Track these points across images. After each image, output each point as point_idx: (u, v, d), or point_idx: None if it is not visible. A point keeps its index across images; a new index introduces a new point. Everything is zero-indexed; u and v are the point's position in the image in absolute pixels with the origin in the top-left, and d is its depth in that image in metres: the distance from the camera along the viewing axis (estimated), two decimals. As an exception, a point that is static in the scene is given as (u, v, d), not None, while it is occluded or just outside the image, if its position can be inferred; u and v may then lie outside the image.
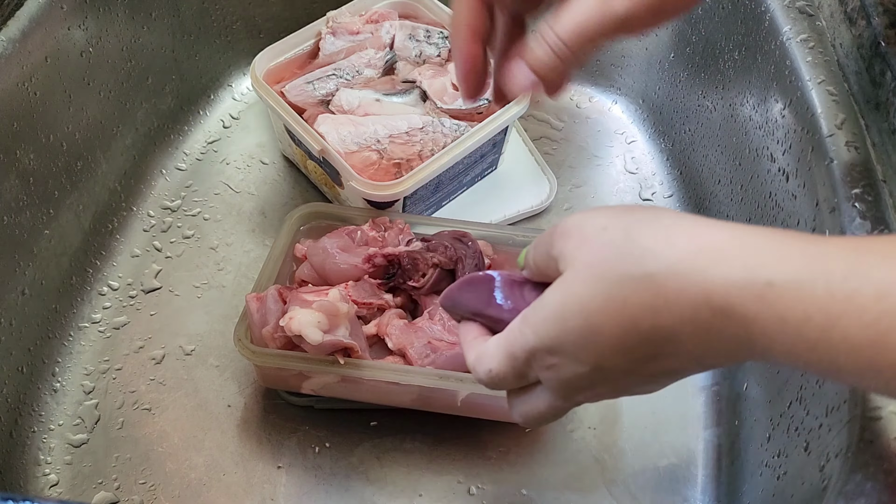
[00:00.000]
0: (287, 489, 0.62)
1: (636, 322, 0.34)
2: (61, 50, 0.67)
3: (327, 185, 0.75)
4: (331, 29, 0.78)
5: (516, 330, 0.39)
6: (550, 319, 0.37)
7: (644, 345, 0.35)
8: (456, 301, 0.45)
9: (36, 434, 0.64)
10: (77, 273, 0.71)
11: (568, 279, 0.37)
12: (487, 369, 0.41)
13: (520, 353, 0.39)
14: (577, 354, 0.37)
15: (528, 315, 0.39)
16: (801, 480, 0.48)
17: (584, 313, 0.36)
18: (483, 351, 0.42)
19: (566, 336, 0.37)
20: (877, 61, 0.53)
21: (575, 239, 0.38)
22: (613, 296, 0.35)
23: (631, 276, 0.34)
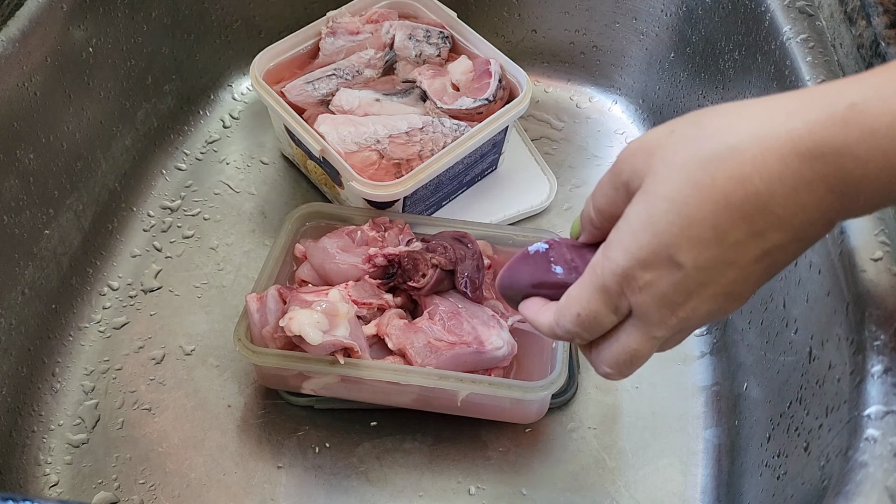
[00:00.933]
0: (287, 489, 0.62)
1: (727, 197, 0.34)
2: (61, 50, 0.67)
3: (327, 185, 0.75)
4: (331, 29, 0.78)
5: (601, 260, 0.38)
6: (640, 230, 0.36)
7: (739, 222, 0.34)
8: (514, 277, 0.44)
9: (36, 434, 0.64)
10: (77, 273, 0.71)
11: (647, 188, 0.36)
12: (575, 314, 0.39)
13: (611, 280, 0.37)
14: (675, 255, 0.35)
15: (611, 240, 0.37)
16: (801, 480, 0.48)
17: (673, 209, 0.35)
18: (563, 303, 0.40)
19: (659, 240, 0.35)
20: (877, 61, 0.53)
21: (642, 153, 0.37)
22: (699, 179, 0.34)
23: (715, 153, 0.34)
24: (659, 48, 0.82)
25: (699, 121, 0.36)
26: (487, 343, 0.60)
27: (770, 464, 0.54)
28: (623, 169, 0.38)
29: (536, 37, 0.88)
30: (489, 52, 0.76)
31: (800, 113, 0.33)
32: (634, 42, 0.84)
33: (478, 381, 0.58)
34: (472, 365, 0.60)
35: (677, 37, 0.79)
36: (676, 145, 0.36)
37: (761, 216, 0.34)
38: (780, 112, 0.34)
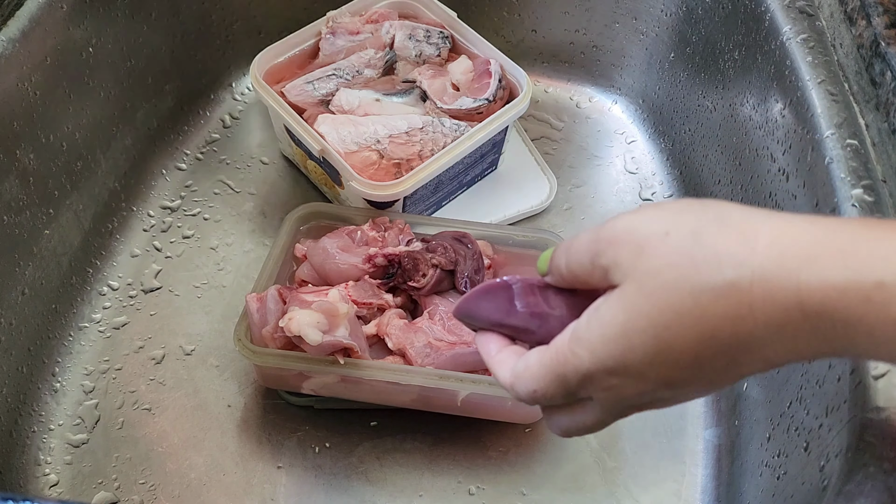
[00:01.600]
0: (287, 489, 0.62)
1: (715, 333, 0.32)
2: (61, 50, 0.67)
3: (327, 185, 0.75)
4: (331, 29, 0.78)
5: (566, 350, 0.36)
6: (612, 339, 0.34)
7: (721, 355, 0.32)
8: (472, 312, 0.42)
9: (36, 434, 0.64)
10: (77, 273, 0.71)
11: (629, 293, 0.34)
12: (531, 390, 0.38)
13: (572, 376, 0.36)
14: (644, 373, 0.34)
15: (582, 334, 0.35)
16: (801, 480, 0.48)
17: (652, 330, 0.33)
18: (523, 370, 0.39)
19: (631, 355, 0.34)
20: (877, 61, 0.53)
21: (629, 246, 0.34)
22: (687, 309, 0.32)
23: (710, 286, 0.31)
24: (659, 48, 0.82)
25: (700, 233, 0.33)
26: (487, 343, 0.60)
27: (770, 464, 0.54)
28: (605, 253, 0.35)
29: (536, 37, 0.88)
30: (489, 51, 0.76)
31: (818, 266, 0.30)
32: (634, 42, 0.84)
33: (478, 381, 0.58)
34: (472, 365, 0.60)
35: (677, 37, 0.79)
36: (669, 258, 0.33)
37: (746, 352, 0.32)
38: (797, 253, 0.30)
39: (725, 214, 0.33)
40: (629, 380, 0.35)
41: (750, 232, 0.32)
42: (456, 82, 0.76)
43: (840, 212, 0.51)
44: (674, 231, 0.33)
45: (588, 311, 0.36)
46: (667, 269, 0.33)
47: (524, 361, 0.39)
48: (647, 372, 0.34)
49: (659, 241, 0.33)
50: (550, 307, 0.40)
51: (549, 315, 0.39)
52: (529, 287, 0.41)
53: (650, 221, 0.34)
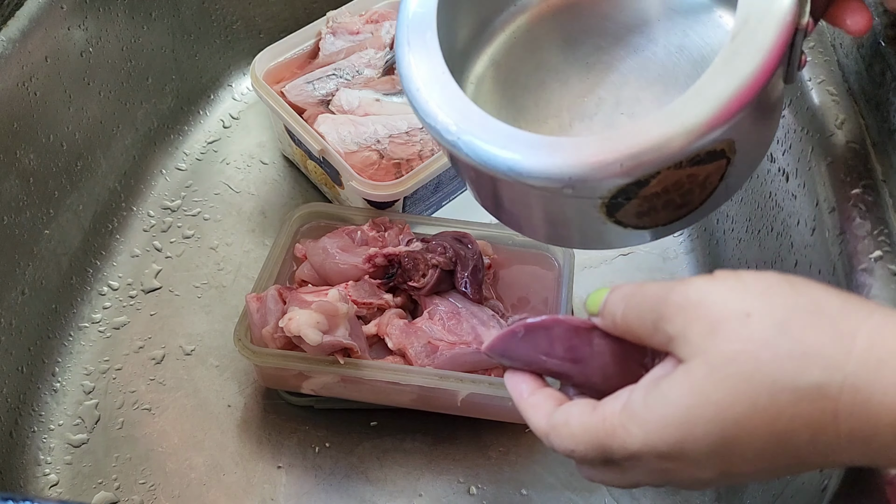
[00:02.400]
0: (287, 489, 0.62)
1: (791, 437, 0.29)
2: (61, 50, 0.67)
3: (327, 185, 0.75)
4: (331, 29, 0.78)
5: (616, 422, 0.33)
6: (671, 424, 0.31)
7: (792, 458, 0.30)
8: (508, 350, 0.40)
9: (36, 434, 0.64)
10: (77, 273, 0.71)
11: (697, 375, 0.30)
12: (569, 449, 0.35)
13: (618, 450, 0.32)
14: (702, 463, 0.31)
15: (637, 409, 0.32)
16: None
17: (719, 422, 0.30)
18: (563, 424, 0.35)
19: (691, 445, 0.30)
20: (877, 61, 0.53)
21: (704, 322, 0.31)
22: (763, 406, 0.29)
23: (792, 385, 0.28)
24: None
25: (788, 323, 0.29)
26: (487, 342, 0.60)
27: (770, 464, 0.54)
28: (674, 320, 0.32)
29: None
30: None
31: None
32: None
33: (478, 381, 0.58)
34: (472, 365, 0.60)
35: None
36: (748, 345, 0.29)
37: (822, 459, 0.29)
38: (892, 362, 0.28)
39: (821, 305, 0.30)
40: (683, 466, 0.32)
41: (847, 331, 0.29)
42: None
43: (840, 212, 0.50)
44: (757, 315, 0.30)
45: (646, 382, 0.33)
46: (744, 358, 0.29)
47: (564, 415, 0.35)
48: (706, 463, 0.31)
49: (739, 323, 0.30)
50: (593, 351, 0.37)
51: (590, 360, 0.37)
52: (574, 330, 0.38)
53: (731, 298, 0.31)
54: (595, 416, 0.34)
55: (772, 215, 0.62)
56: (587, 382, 0.37)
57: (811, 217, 0.55)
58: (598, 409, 0.34)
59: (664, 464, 0.32)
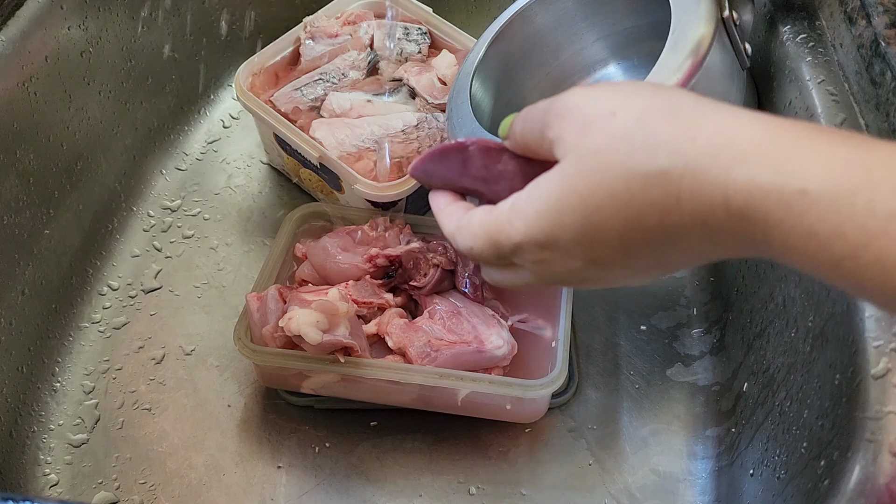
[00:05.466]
0: (287, 489, 0.62)
1: (641, 220, 0.32)
2: (61, 50, 0.67)
3: (323, 192, 0.75)
4: (309, 34, 0.77)
5: (504, 218, 0.37)
6: (544, 214, 0.35)
7: (647, 243, 0.33)
8: (428, 172, 0.44)
9: (36, 434, 0.64)
10: (77, 273, 0.71)
11: (567, 170, 0.34)
12: (468, 246, 0.40)
13: (505, 243, 0.37)
14: (572, 251, 0.35)
15: (520, 205, 0.36)
16: (801, 480, 0.48)
17: (583, 209, 0.33)
18: (465, 225, 0.40)
19: (561, 232, 0.34)
20: (877, 61, 0.53)
21: (577, 123, 0.34)
22: (618, 192, 0.32)
23: (642, 171, 0.31)
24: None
25: (645, 118, 0.32)
26: (487, 342, 0.60)
27: (770, 463, 0.54)
28: (553, 126, 0.35)
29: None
30: (469, 43, 0.77)
31: (751, 163, 0.30)
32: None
33: (478, 380, 0.58)
34: (473, 364, 0.60)
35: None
36: (611, 139, 0.33)
37: (669, 244, 0.33)
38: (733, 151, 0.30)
39: (676, 102, 0.33)
40: (557, 255, 0.36)
41: (695, 122, 0.31)
42: (442, 76, 0.76)
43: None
44: (621, 112, 0.33)
45: (531, 183, 0.36)
46: (606, 151, 0.33)
47: (468, 217, 0.40)
48: (574, 250, 0.35)
49: (604, 120, 0.33)
50: (503, 171, 0.41)
51: (500, 179, 0.40)
52: (486, 150, 0.42)
53: (600, 100, 0.34)
54: (490, 215, 0.38)
55: (772, 215, 0.62)
56: (498, 199, 0.40)
57: (811, 217, 0.55)
58: (493, 209, 0.38)
59: (542, 254, 0.36)
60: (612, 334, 0.70)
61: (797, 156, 0.29)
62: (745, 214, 0.30)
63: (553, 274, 0.37)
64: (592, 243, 0.34)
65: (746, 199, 0.29)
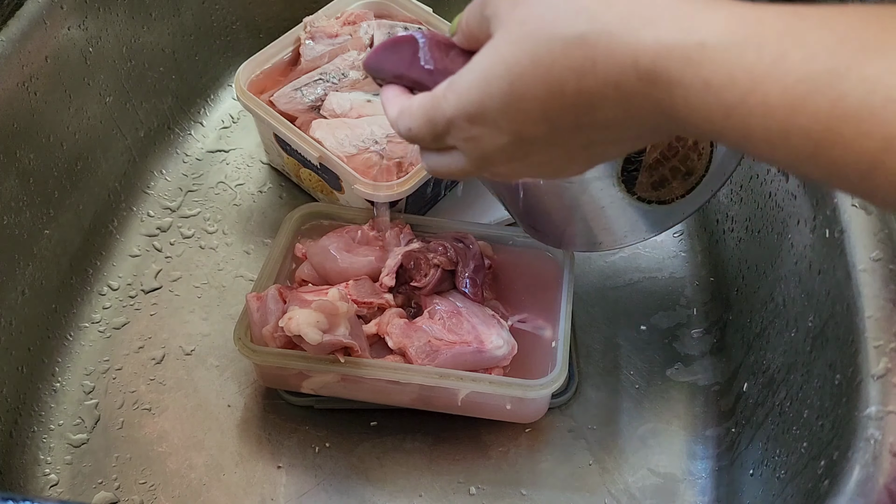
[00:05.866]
0: (287, 489, 0.62)
1: (561, 85, 0.33)
2: (61, 50, 0.67)
3: (323, 191, 0.75)
4: (309, 34, 0.77)
5: (440, 95, 0.38)
6: (474, 84, 0.36)
7: (567, 112, 0.34)
8: (379, 63, 0.45)
9: (36, 434, 0.64)
10: (77, 273, 0.71)
11: (496, 41, 0.35)
12: (407, 127, 0.41)
13: (440, 119, 0.38)
14: (498, 122, 0.35)
15: (455, 80, 0.37)
16: (802, 480, 0.48)
17: (508, 77, 0.34)
18: (406, 107, 0.41)
19: (489, 102, 0.35)
20: (877, 61, 0.53)
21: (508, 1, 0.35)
22: (541, 57, 0.33)
23: (562, 36, 0.33)
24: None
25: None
26: (487, 342, 0.60)
27: (770, 464, 0.54)
28: (489, 3, 0.37)
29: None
30: None
31: (658, 24, 0.31)
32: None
33: (478, 380, 0.58)
34: (473, 364, 0.60)
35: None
36: (537, 8, 0.34)
37: (589, 114, 0.33)
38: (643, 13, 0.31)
39: None
40: (486, 130, 0.36)
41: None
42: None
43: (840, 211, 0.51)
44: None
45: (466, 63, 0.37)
46: (532, 20, 0.34)
47: (409, 101, 0.41)
48: (501, 122, 0.35)
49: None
50: (451, 65, 0.42)
51: (448, 72, 0.40)
52: (436, 44, 0.43)
53: None
54: (427, 96, 0.39)
55: (772, 215, 0.62)
56: None
57: (811, 217, 0.55)
58: (432, 92, 0.39)
59: (472, 129, 0.37)
60: (612, 334, 0.70)
61: (700, 14, 0.31)
62: (652, 75, 0.31)
63: (484, 153, 0.38)
64: (517, 113, 0.35)
65: (653, 59, 0.31)
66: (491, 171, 0.40)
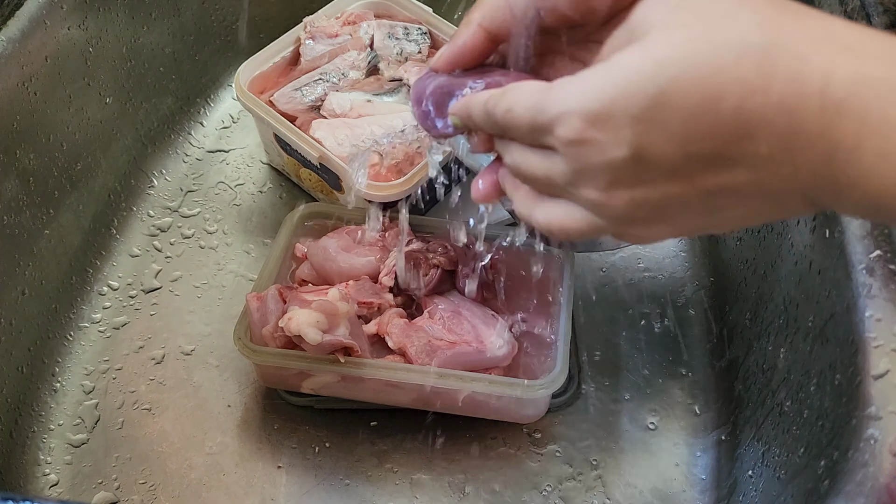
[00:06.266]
0: (287, 489, 0.62)
1: (720, 99, 0.28)
2: (61, 50, 0.67)
3: (323, 191, 0.75)
4: (309, 34, 0.77)
5: (559, 83, 0.32)
6: (609, 81, 0.30)
7: (713, 136, 0.28)
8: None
9: (36, 434, 0.64)
10: (77, 273, 0.71)
11: (647, 42, 0.30)
12: (507, 107, 0.34)
13: (550, 109, 0.32)
14: (622, 130, 0.29)
15: (582, 73, 0.31)
16: (801, 480, 0.48)
17: (656, 78, 0.28)
18: (516, 87, 0.35)
19: (622, 103, 0.29)
20: (877, 61, 0.53)
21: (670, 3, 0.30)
22: (705, 62, 0.28)
23: (738, 43, 0.28)
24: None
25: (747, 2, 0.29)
26: (488, 342, 0.60)
27: (770, 464, 0.54)
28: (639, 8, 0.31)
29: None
30: None
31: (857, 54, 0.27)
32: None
33: (478, 380, 0.58)
34: (473, 364, 0.60)
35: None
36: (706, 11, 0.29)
37: (737, 145, 0.29)
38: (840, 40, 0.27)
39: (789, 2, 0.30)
40: (603, 136, 0.30)
41: (806, 13, 0.29)
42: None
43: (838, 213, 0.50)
44: None
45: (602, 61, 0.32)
46: (700, 22, 0.29)
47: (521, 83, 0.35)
48: (626, 130, 0.30)
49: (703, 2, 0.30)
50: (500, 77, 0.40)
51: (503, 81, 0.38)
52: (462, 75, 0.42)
53: None
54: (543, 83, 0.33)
55: (772, 215, 0.62)
56: None
57: (811, 217, 0.55)
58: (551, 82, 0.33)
59: (586, 131, 0.30)
60: (612, 334, 0.70)
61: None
62: (842, 108, 0.27)
63: (584, 165, 0.31)
64: (652, 123, 0.29)
65: (849, 90, 0.26)
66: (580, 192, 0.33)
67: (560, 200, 0.35)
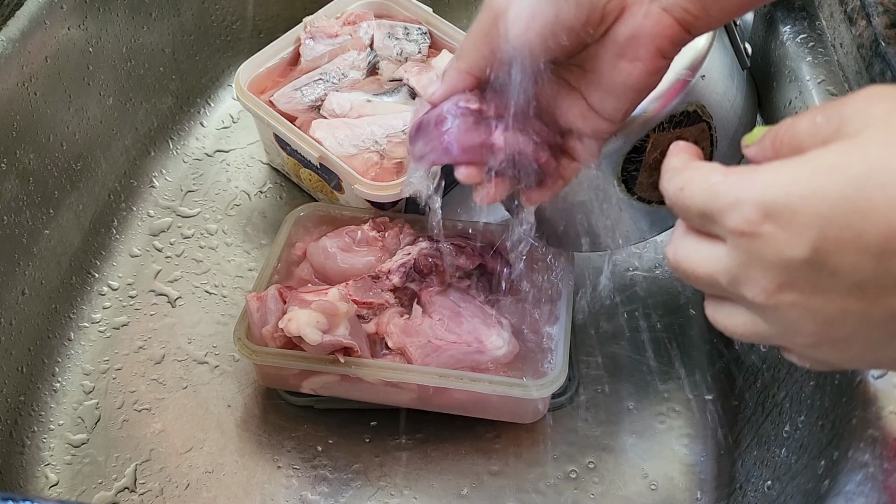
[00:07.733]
0: (287, 489, 0.62)
1: None
2: (61, 50, 0.67)
3: (323, 191, 0.75)
4: (309, 34, 0.77)
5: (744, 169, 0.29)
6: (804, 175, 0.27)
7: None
8: None
9: (36, 434, 0.64)
10: (77, 273, 0.71)
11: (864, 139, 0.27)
12: (680, 186, 0.31)
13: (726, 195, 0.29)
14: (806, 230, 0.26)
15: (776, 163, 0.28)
16: (802, 480, 0.48)
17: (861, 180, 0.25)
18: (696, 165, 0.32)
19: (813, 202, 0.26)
20: (877, 61, 0.53)
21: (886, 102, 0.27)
22: None
23: None
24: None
25: None
26: (487, 342, 0.60)
27: (770, 464, 0.54)
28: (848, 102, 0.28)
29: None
30: None
31: None
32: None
33: (478, 380, 0.58)
34: (473, 364, 0.60)
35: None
36: None
37: None
38: None
39: None
40: (781, 232, 0.27)
41: None
42: (442, 77, 0.76)
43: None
44: None
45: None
46: None
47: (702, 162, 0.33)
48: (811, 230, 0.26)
49: None
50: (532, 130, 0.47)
51: None
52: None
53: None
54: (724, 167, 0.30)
55: (772, 215, 0.62)
56: None
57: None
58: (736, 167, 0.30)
59: (763, 224, 0.27)
60: (613, 334, 0.70)
61: None
62: None
63: (756, 260, 0.28)
64: (845, 229, 0.26)
65: None
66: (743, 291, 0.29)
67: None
